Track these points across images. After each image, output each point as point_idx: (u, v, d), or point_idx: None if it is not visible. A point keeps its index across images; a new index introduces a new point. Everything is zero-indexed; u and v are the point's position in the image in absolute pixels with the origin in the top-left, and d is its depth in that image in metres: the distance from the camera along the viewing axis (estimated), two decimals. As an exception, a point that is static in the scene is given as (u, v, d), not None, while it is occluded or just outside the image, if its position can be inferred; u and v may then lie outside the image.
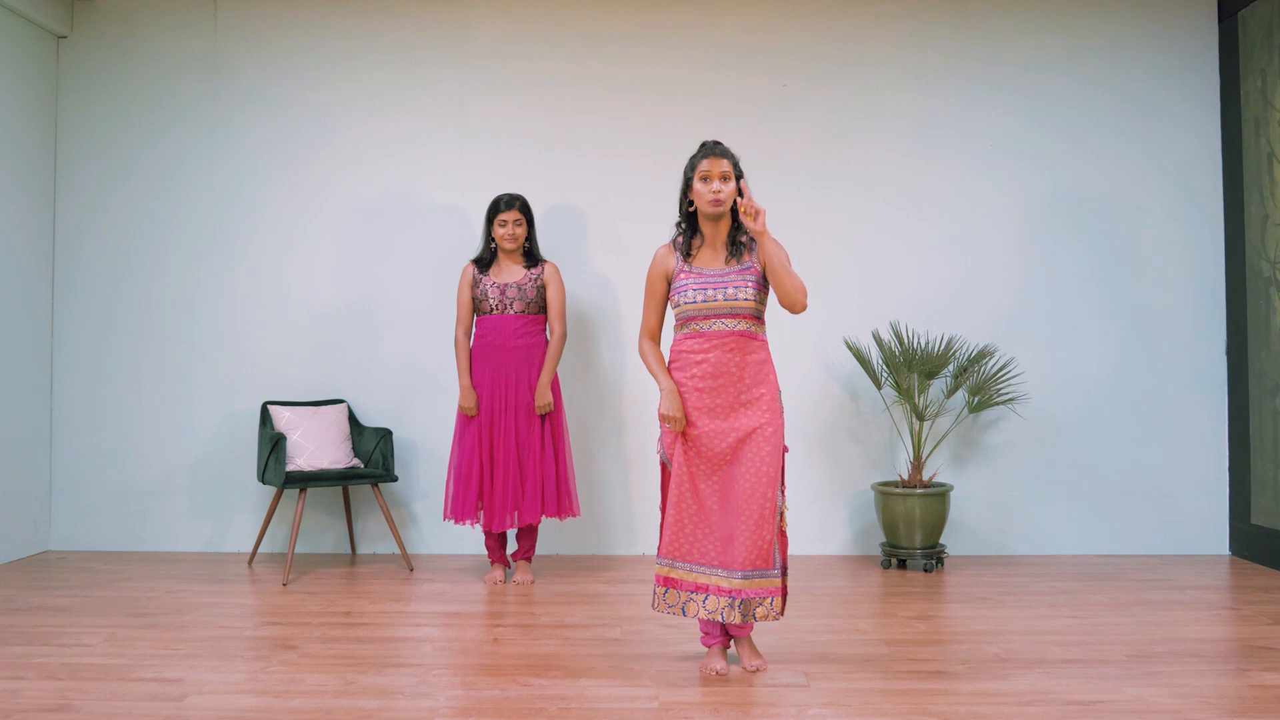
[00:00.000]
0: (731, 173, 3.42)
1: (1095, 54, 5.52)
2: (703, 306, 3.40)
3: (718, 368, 3.38)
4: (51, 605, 4.34)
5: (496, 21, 5.56)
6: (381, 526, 5.45)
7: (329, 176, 5.55)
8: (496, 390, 4.75)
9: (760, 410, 3.39)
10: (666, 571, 3.40)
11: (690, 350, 3.42)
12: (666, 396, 3.41)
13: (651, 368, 3.51)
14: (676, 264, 3.49)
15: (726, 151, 3.44)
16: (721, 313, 3.39)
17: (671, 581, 3.40)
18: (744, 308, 3.40)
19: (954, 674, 3.42)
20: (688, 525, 3.38)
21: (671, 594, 3.40)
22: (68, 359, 5.55)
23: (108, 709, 3.10)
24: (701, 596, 3.36)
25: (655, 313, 3.57)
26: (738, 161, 3.46)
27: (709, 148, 3.45)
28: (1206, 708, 3.10)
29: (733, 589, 3.33)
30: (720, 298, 3.39)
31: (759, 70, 5.53)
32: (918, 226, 5.50)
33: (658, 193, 5.50)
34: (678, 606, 3.39)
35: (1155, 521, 5.43)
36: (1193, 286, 5.49)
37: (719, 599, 3.34)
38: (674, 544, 3.39)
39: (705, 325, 3.41)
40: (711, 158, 3.41)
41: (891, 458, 5.47)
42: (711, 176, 3.41)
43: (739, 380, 3.39)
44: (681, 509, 3.38)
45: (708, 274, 3.44)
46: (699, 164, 3.43)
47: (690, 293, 3.42)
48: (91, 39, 5.60)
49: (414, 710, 3.09)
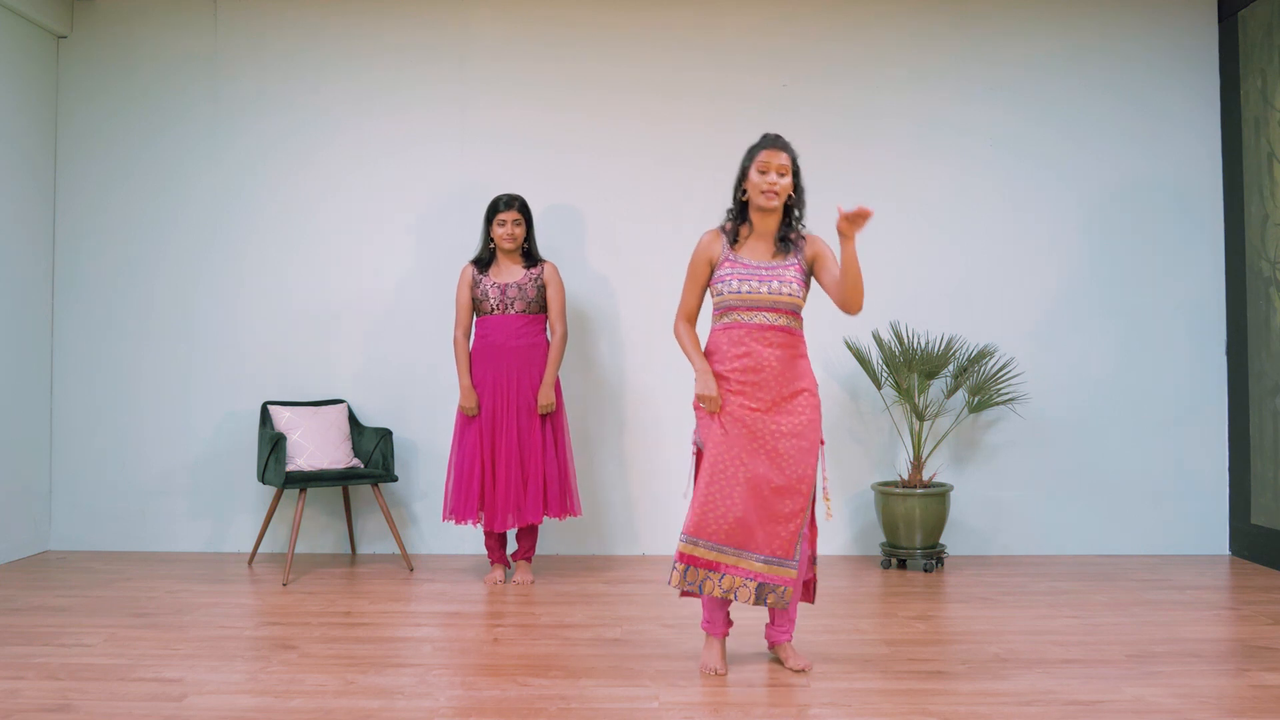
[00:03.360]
0: (789, 167, 3.40)
1: (1095, 54, 5.53)
2: (746, 298, 3.38)
3: (758, 361, 3.36)
4: (51, 605, 4.34)
5: (496, 22, 5.56)
6: (381, 526, 5.45)
7: (329, 176, 5.55)
8: (498, 390, 4.75)
9: (800, 407, 3.38)
10: (689, 549, 3.35)
11: (730, 342, 3.40)
12: (702, 377, 3.39)
13: (686, 349, 3.48)
14: (723, 251, 3.46)
15: (787, 145, 3.42)
16: (764, 305, 3.37)
17: (693, 559, 3.35)
18: (787, 303, 3.38)
19: (954, 674, 3.42)
20: (717, 506, 3.34)
21: (691, 571, 3.35)
22: (68, 359, 5.55)
23: (108, 709, 3.10)
24: (719, 575, 3.34)
25: (695, 295, 3.54)
26: (796, 157, 3.44)
27: (770, 139, 3.43)
28: (1206, 708, 3.10)
29: (753, 571, 3.32)
30: (765, 290, 3.37)
31: (759, 70, 5.53)
32: (918, 227, 5.50)
33: (657, 193, 5.52)
34: (695, 585, 3.35)
35: (1155, 521, 5.43)
36: (1193, 286, 5.49)
37: (734, 578, 3.33)
38: (700, 522, 3.34)
39: (746, 317, 3.39)
40: (771, 149, 3.39)
41: (891, 458, 5.47)
42: (769, 168, 3.38)
43: (779, 375, 3.36)
44: (712, 489, 3.34)
45: (754, 265, 3.41)
46: (758, 154, 3.40)
47: (734, 282, 3.39)
48: (91, 39, 5.60)
49: (414, 710, 3.10)
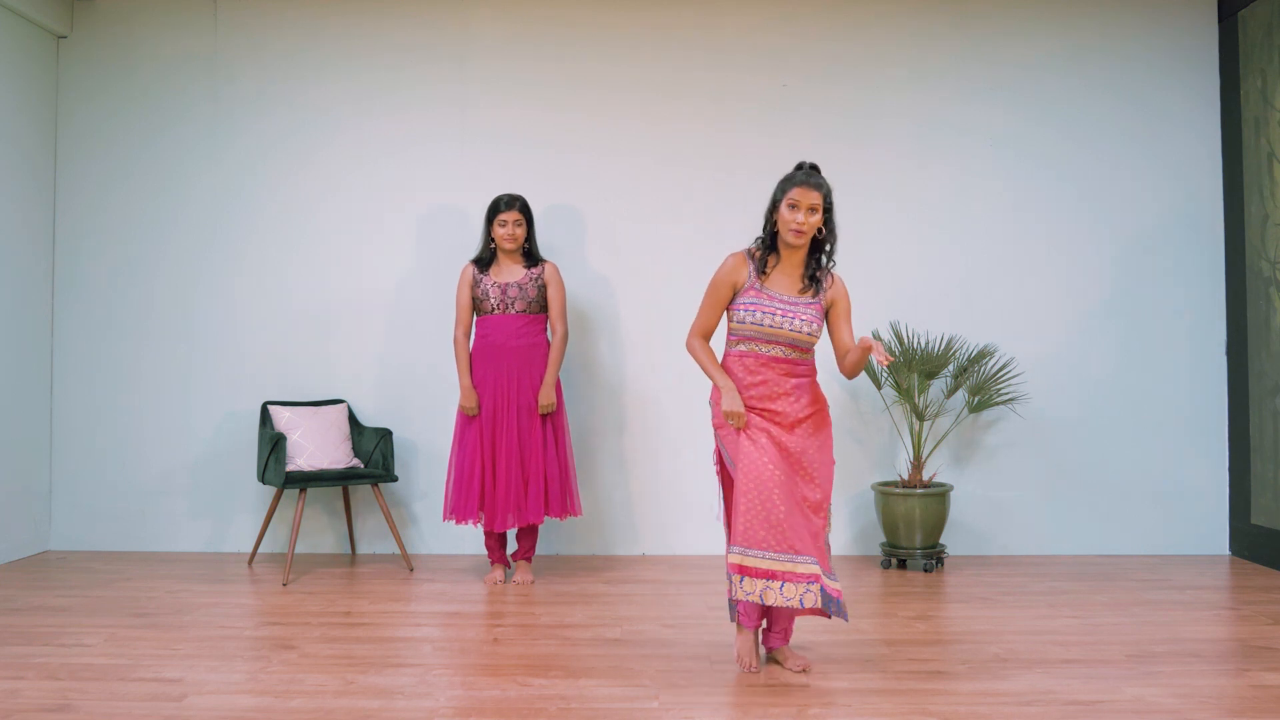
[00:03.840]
0: (820, 205, 3.37)
1: (1095, 54, 5.52)
2: (768, 330, 3.38)
3: (774, 390, 3.39)
4: (51, 605, 4.34)
5: (497, 22, 5.56)
6: (381, 526, 5.45)
7: (329, 176, 5.55)
8: (499, 390, 4.75)
9: (818, 425, 3.43)
10: (740, 559, 3.33)
11: (745, 370, 3.41)
12: (728, 394, 3.37)
13: (706, 366, 3.47)
14: (749, 278, 3.44)
15: (822, 183, 3.38)
16: (783, 340, 3.39)
17: (745, 569, 3.32)
18: (805, 341, 3.40)
19: (954, 674, 3.42)
20: (759, 514, 3.30)
21: (748, 581, 3.32)
22: (68, 359, 5.55)
23: (108, 709, 3.10)
24: (778, 584, 3.30)
25: (714, 315, 3.52)
26: (830, 193, 3.40)
27: (804, 175, 3.39)
28: (1206, 708, 3.10)
29: (812, 574, 3.30)
30: (787, 327, 3.37)
31: (759, 70, 5.53)
32: (918, 227, 5.50)
33: (657, 193, 5.52)
34: (756, 594, 3.31)
35: (1155, 521, 5.43)
36: (1193, 286, 5.49)
37: (796, 585, 3.29)
38: (747, 532, 3.31)
39: (764, 349, 3.40)
40: (804, 188, 3.35)
41: (891, 458, 5.46)
42: (800, 206, 3.35)
43: (795, 401, 3.40)
44: (752, 498, 3.31)
45: (779, 299, 3.41)
46: (789, 190, 3.36)
47: (758, 313, 3.39)
48: (91, 39, 5.60)
49: (414, 710, 3.09)
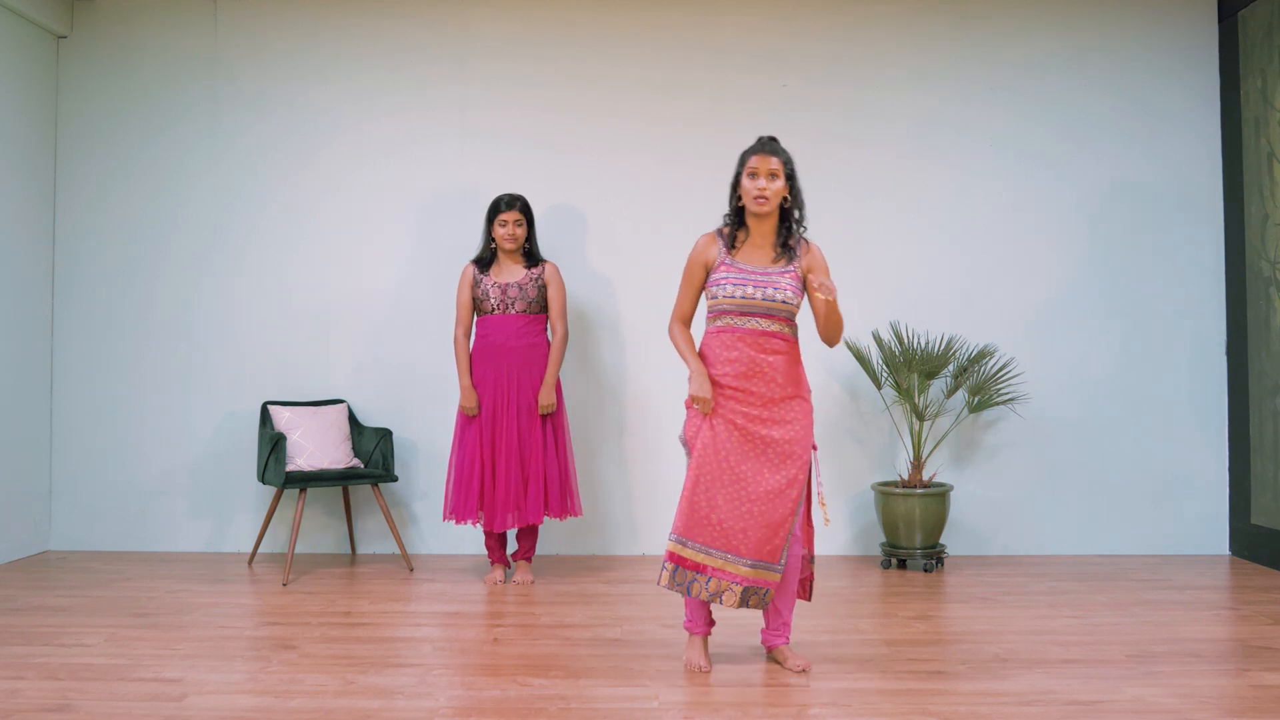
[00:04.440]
0: (781, 171, 3.39)
1: (1095, 54, 5.52)
2: (741, 303, 3.37)
3: (750, 367, 3.36)
4: (51, 605, 4.34)
5: (497, 22, 5.56)
6: (381, 526, 5.45)
7: (329, 176, 5.55)
8: (499, 390, 4.75)
9: (795, 413, 3.39)
10: (678, 549, 3.37)
11: (722, 346, 3.40)
12: (696, 378, 3.38)
13: (681, 349, 3.48)
14: (719, 254, 3.46)
15: (778, 149, 3.41)
16: (758, 311, 3.37)
17: (681, 560, 3.37)
18: (782, 309, 3.38)
19: (954, 674, 3.42)
20: (703, 507, 3.35)
21: (680, 573, 3.37)
22: (68, 359, 5.55)
23: (108, 709, 3.10)
24: (705, 579, 3.35)
25: (691, 298, 3.54)
26: (791, 160, 3.43)
27: (760, 144, 3.42)
28: (1206, 708, 3.10)
29: (739, 575, 3.33)
30: (760, 296, 3.37)
31: (759, 70, 5.53)
32: (918, 226, 5.50)
33: (657, 193, 5.52)
34: (684, 586, 3.37)
35: (1155, 521, 5.43)
36: (1193, 286, 5.49)
37: (720, 582, 3.33)
38: (689, 524, 3.36)
39: (740, 322, 3.38)
40: (761, 154, 3.38)
41: (891, 458, 5.46)
42: (759, 173, 3.38)
43: (772, 381, 3.37)
44: (699, 490, 3.36)
45: (750, 270, 3.41)
46: (749, 159, 3.40)
47: (729, 287, 3.39)
48: (91, 39, 5.60)
49: (414, 710, 3.09)
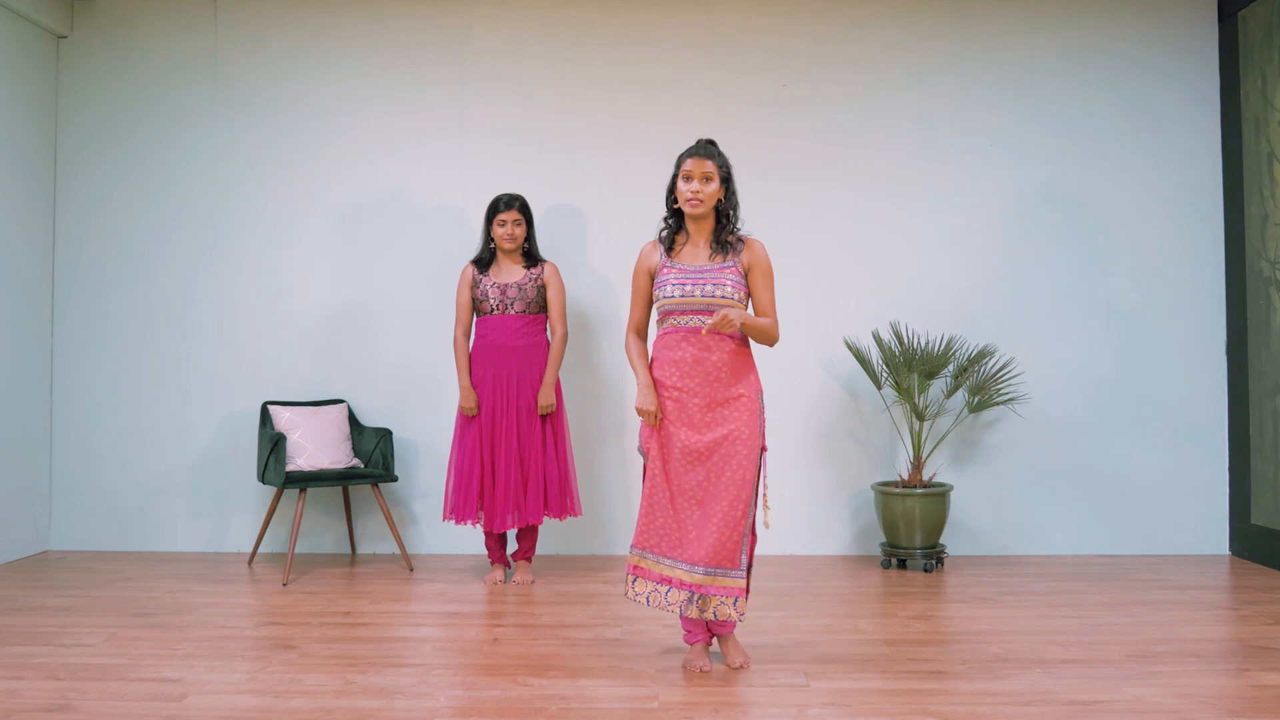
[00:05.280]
0: (715, 174, 3.43)
1: (1095, 54, 5.52)
2: (681, 301, 3.42)
3: (695, 365, 3.40)
4: (51, 605, 4.34)
5: (497, 22, 5.56)
6: (381, 526, 5.45)
7: (329, 176, 5.55)
8: (498, 390, 4.75)
9: (739, 412, 3.40)
10: (636, 561, 3.45)
11: (666, 346, 3.45)
12: (642, 391, 3.46)
13: (633, 361, 3.55)
14: (659, 259, 3.52)
15: (713, 153, 3.46)
16: (699, 308, 3.41)
17: (640, 571, 3.44)
18: (722, 305, 3.40)
19: (954, 674, 3.42)
20: (658, 517, 3.42)
21: (640, 583, 3.44)
22: (68, 359, 5.55)
23: (108, 709, 3.10)
24: (665, 589, 3.39)
25: (641, 307, 3.60)
26: (727, 164, 3.48)
27: (695, 147, 3.47)
28: (1206, 708, 3.10)
29: (693, 583, 3.35)
30: (698, 293, 3.41)
31: (759, 70, 5.53)
32: (918, 226, 5.50)
33: (658, 193, 5.45)
34: (644, 596, 3.43)
35: (1155, 521, 5.43)
36: (1193, 286, 5.49)
37: (680, 592, 3.37)
38: (644, 534, 3.44)
39: (683, 320, 3.43)
40: (695, 158, 3.44)
41: (891, 458, 5.46)
42: (693, 176, 3.43)
43: (716, 378, 3.40)
44: (654, 501, 3.42)
45: (688, 269, 3.46)
46: (684, 162, 3.45)
47: (669, 287, 3.44)
48: (91, 39, 5.60)
49: (414, 710, 3.10)
